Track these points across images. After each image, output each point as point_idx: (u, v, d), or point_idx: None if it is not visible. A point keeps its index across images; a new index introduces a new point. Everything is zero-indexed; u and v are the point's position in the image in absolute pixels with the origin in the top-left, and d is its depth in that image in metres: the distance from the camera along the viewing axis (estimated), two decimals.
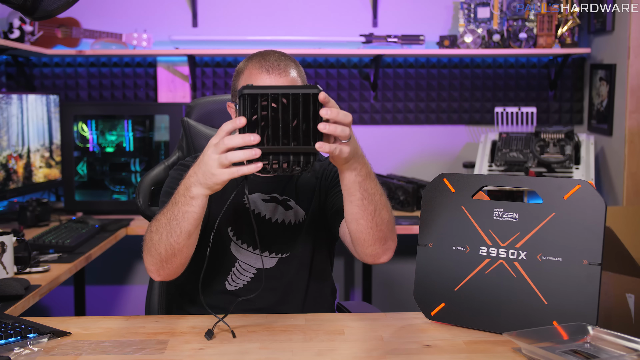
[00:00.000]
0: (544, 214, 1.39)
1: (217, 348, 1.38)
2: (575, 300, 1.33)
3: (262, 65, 1.65)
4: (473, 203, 1.49)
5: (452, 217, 1.50)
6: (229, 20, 3.56)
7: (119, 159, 3.40)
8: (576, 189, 1.37)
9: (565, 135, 3.27)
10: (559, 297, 1.35)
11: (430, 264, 1.51)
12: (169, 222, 1.47)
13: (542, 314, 1.36)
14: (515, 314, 1.40)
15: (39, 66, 3.58)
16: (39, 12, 1.43)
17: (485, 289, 1.44)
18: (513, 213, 1.43)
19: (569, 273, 1.35)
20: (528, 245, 1.40)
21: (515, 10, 3.46)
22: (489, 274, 1.44)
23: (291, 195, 1.78)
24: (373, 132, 3.67)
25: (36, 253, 2.35)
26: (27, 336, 1.40)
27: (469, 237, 1.47)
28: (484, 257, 1.45)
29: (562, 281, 1.35)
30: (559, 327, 1.31)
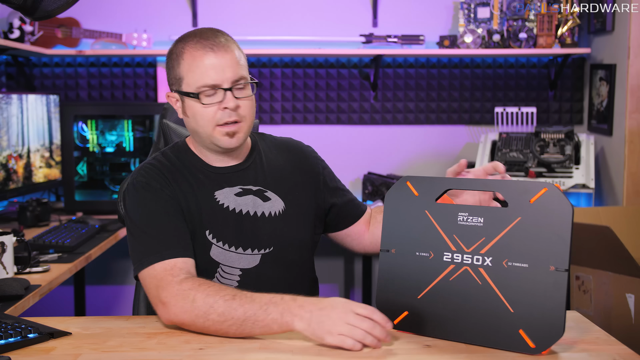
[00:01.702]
0: (510, 219, 1.35)
1: (217, 348, 1.38)
2: (542, 307, 1.29)
3: (205, 44, 1.56)
4: (437, 207, 1.43)
5: (416, 222, 1.45)
6: (228, 20, 3.56)
7: (119, 159, 3.40)
8: (542, 192, 1.33)
9: (565, 135, 3.27)
10: (525, 304, 1.31)
11: (393, 270, 1.46)
12: (243, 322, 1.38)
13: (508, 322, 1.32)
14: (481, 322, 1.35)
15: (39, 66, 3.58)
16: (39, 12, 1.43)
17: (450, 296, 1.39)
18: (478, 217, 1.38)
19: (535, 279, 1.31)
20: (493, 250, 1.35)
21: (515, 10, 3.46)
22: (454, 280, 1.39)
23: (265, 185, 1.68)
24: (373, 132, 3.68)
25: (36, 253, 2.35)
26: (27, 336, 1.40)
27: (432, 243, 1.42)
28: (449, 264, 1.40)
29: (528, 288, 1.31)
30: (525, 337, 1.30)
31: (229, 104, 1.57)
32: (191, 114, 1.60)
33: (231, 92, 1.57)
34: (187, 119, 1.62)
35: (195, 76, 1.56)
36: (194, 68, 1.57)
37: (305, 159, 1.77)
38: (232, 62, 1.58)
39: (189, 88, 1.58)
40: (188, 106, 1.60)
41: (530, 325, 1.29)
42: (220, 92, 1.57)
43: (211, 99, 1.57)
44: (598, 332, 1.48)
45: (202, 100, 1.56)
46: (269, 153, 1.74)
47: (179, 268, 1.49)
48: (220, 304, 1.39)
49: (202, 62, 1.56)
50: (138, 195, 1.58)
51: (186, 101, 1.60)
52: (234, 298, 1.40)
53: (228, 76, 1.57)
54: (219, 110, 1.57)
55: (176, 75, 1.60)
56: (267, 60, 3.62)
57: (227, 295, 1.40)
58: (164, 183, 1.60)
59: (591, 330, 1.49)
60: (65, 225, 2.79)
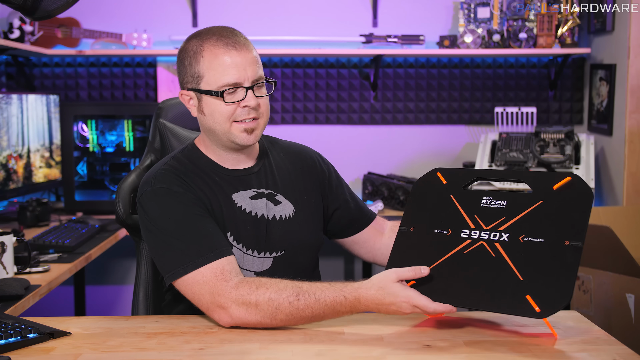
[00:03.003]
0: (532, 201, 1.38)
1: (217, 348, 1.38)
2: (552, 276, 1.30)
3: (226, 42, 1.56)
4: (462, 192, 1.47)
5: (439, 205, 1.48)
6: (229, 20, 3.56)
7: (119, 159, 3.40)
8: (566, 180, 1.37)
9: (565, 135, 3.27)
10: (535, 273, 1.31)
11: (408, 246, 1.48)
12: (313, 318, 1.47)
13: (517, 288, 1.32)
14: (488, 289, 1.36)
15: (39, 66, 3.58)
16: (39, 12, 1.43)
17: (459, 266, 1.40)
18: (501, 201, 1.41)
19: (549, 252, 1.32)
20: (511, 228, 1.37)
21: (515, 10, 3.46)
22: (467, 254, 1.40)
23: (276, 188, 1.69)
24: (373, 132, 3.67)
25: (36, 253, 2.35)
26: (27, 336, 1.40)
27: (452, 221, 1.44)
28: (465, 239, 1.41)
29: (540, 259, 1.32)
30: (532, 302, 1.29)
31: (250, 102, 1.58)
32: (209, 111, 1.59)
33: (252, 90, 1.58)
34: (203, 117, 1.62)
35: (217, 74, 1.56)
36: (215, 66, 1.56)
37: (313, 164, 1.77)
38: (253, 61, 1.59)
39: (209, 86, 1.57)
40: (206, 104, 1.60)
41: (537, 291, 1.30)
42: (241, 90, 1.58)
43: (232, 97, 1.57)
44: (598, 332, 1.48)
45: (225, 98, 1.56)
46: (277, 157, 1.75)
47: (228, 271, 1.49)
48: (285, 306, 1.44)
49: (223, 60, 1.56)
50: (162, 202, 1.56)
51: (204, 99, 1.59)
52: (298, 299, 1.44)
53: (249, 75, 1.58)
54: (238, 107, 1.58)
55: (193, 73, 1.59)
56: (267, 60, 3.62)
57: (291, 297, 1.44)
58: (185, 186, 1.59)
59: (591, 330, 1.49)
60: (65, 225, 2.79)
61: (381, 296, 1.43)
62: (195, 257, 1.49)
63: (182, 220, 1.54)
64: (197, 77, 1.59)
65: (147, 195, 1.58)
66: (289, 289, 1.45)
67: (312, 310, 1.45)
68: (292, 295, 1.44)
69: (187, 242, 1.51)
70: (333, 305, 1.45)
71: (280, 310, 1.44)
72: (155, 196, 1.57)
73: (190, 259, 1.49)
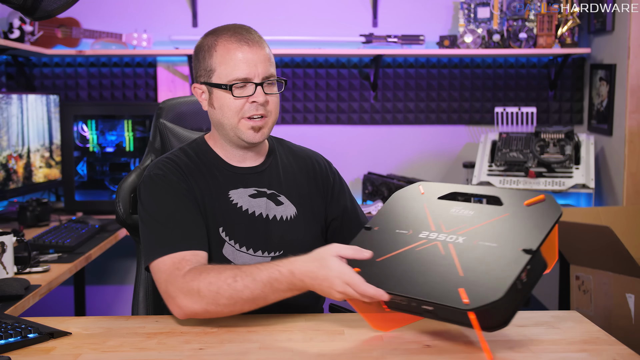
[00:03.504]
0: (499, 213, 1.38)
1: (217, 348, 1.38)
2: (490, 274, 1.26)
3: (240, 38, 1.60)
4: (436, 202, 1.47)
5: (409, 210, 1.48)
6: (228, 20, 3.53)
7: (119, 159, 3.40)
8: (538, 198, 1.35)
9: (565, 135, 3.27)
10: (476, 271, 1.28)
11: (365, 241, 1.46)
12: (254, 299, 1.42)
13: (453, 282, 1.28)
14: (425, 280, 1.32)
15: (39, 66, 3.58)
16: (39, 12, 1.43)
17: (406, 260, 1.37)
18: (469, 211, 1.41)
19: (498, 254, 1.29)
20: (470, 233, 1.36)
21: (515, 10, 3.46)
22: (419, 250, 1.38)
23: (280, 189, 1.70)
24: (373, 132, 3.67)
25: (36, 253, 2.35)
26: (27, 336, 1.40)
27: (415, 224, 1.43)
28: (422, 239, 1.40)
29: (486, 260, 1.29)
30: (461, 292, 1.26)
31: (258, 98, 1.59)
32: (218, 105, 1.62)
33: (261, 87, 1.60)
34: (213, 111, 1.64)
35: (228, 68, 1.59)
36: (227, 60, 1.59)
37: (320, 170, 1.78)
38: (265, 58, 1.61)
39: (220, 80, 1.60)
40: (216, 98, 1.62)
41: (472, 286, 1.25)
42: (251, 86, 1.60)
43: (241, 92, 1.60)
44: (598, 332, 1.48)
45: (233, 92, 1.59)
46: (285, 159, 1.76)
47: (186, 260, 1.49)
48: (225, 289, 1.42)
49: (235, 55, 1.59)
50: (155, 188, 1.60)
51: (214, 93, 1.62)
52: (235, 280, 1.42)
53: (260, 71, 1.60)
54: (247, 103, 1.60)
55: (206, 67, 1.62)
56: None
57: (229, 279, 1.42)
58: (181, 177, 1.62)
59: (591, 330, 1.49)
60: (65, 225, 2.79)
61: (316, 268, 1.37)
62: (164, 245, 1.51)
63: (166, 208, 1.57)
64: (209, 71, 1.62)
65: (144, 181, 1.63)
66: (228, 271, 1.44)
67: (250, 291, 1.41)
68: (230, 277, 1.42)
69: (164, 229, 1.54)
70: (270, 282, 1.40)
71: (221, 294, 1.42)
72: (150, 182, 1.61)
73: (160, 246, 1.52)
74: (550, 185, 3.11)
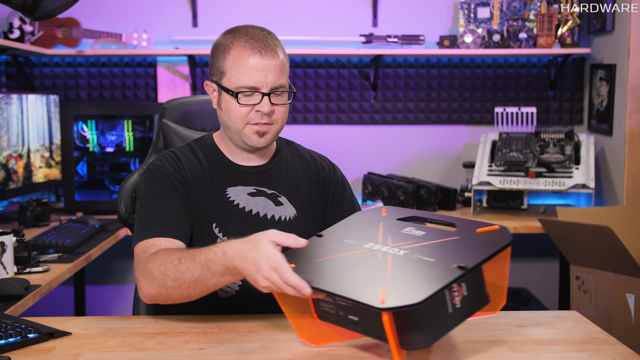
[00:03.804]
0: (449, 236, 1.36)
1: (217, 348, 1.38)
2: (415, 282, 1.24)
3: (254, 45, 1.59)
4: (392, 221, 1.46)
5: (365, 225, 1.48)
6: (229, 20, 3.56)
7: (119, 159, 3.40)
8: (492, 228, 1.33)
9: (565, 135, 3.27)
10: (404, 278, 1.25)
11: (311, 247, 1.43)
12: (196, 282, 1.40)
13: (378, 284, 1.25)
14: (353, 280, 1.29)
15: (39, 66, 3.58)
16: (39, 12, 1.43)
17: (342, 264, 1.35)
18: (421, 231, 1.39)
19: (432, 267, 1.26)
20: (413, 248, 1.34)
21: (515, 10, 3.46)
22: (357, 257, 1.36)
23: (280, 190, 1.70)
24: (373, 132, 3.67)
25: (36, 253, 2.35)
26: (27, 336, 1.40)
27: (365, 236, 1.42)
28: (365, 249, 1.37)
29: (418, 270, 1.26)
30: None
31: (263, 108, 1.60)
32: (225, 108, 1.63)
33: (268, 97, 1.60)
34: (221, 112, 1.66)
35: (238, 75, 1.59)
36: (237, 66, 1.59)
37: (323, 173, 1.77)
38: (276, 68, 1.61)
39: (229, 84, 1.61)
40: (224, 100, 1.63)
41: (394, 289, 1.22)
42: (258, 95, 1.60)
43: (247, 100, 1.60)
44: (598, 332, 1.48)
45: (239, 99, 1.59)
46: (290, 160, 1.76)
47: (156, 246, 1.51)
48: (171, 270, 1.42)
49: (247, 62, 1.59)
50: (150, 177, 1.64)
51: (223, 95, 1.63)
52: (180, 261, 1.42)
53: (269, 81, 1.60)
54: (253, 110, 1.61)
55: (219, 67, 1.63)
56: None
57: (175, 260, 1.43)
58: (178, 170, 1.64)
59: (591, 330, 1.49)
60: (65, 225, 2.79)
61: (247, 250, 1.32)
62: (144, 230, 1.55)
63: (155, 196, 1.61)
64: (221, 72, 1.63)
65: (144, 171, 1.68)
66: (177, 252, 1.44)
67: (192, 273, 1.39)
68: (176, 259, 1.42)
69: (149, 216, 1.58)
70: (206, 263, 1.38)
71: (168, 276, 1.42)
72: (148, 171, 1.66)
73: (141, 231, 1.55)
74: (550, 185, 3.11)
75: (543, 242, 3.46)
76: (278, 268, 1.28)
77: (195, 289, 1.42)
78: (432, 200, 3.35)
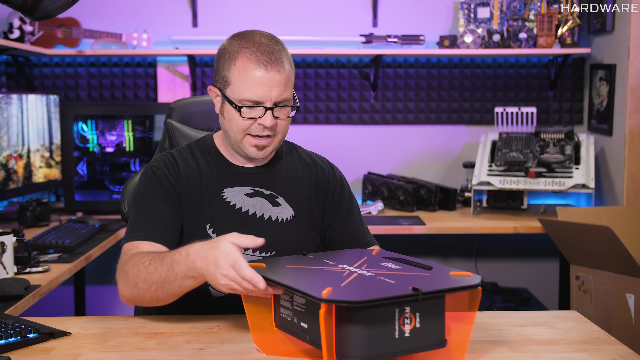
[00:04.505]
0: (420, 271, 1.36)
1: (217, 348, 1.38)
2: (361, 290, 1.25)
3: (260, 58, 1.56)
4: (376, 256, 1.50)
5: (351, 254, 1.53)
6: (229, 20, 3.56)
7: (119, 159, 3.40)
8: (465, 274, 1.32)
9: (565, 135, 3.27)
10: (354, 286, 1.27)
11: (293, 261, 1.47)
12: (162, 284, 1.42)
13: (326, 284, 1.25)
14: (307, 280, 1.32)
15: (39, 66, 3.58)
16: (39, 12, 1.43)
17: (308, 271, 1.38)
18: (398, 266, 1.40)
19: (386, 286, 1.27)
20: (381, 274, 1.34)
21: (515, 10, 3.46)
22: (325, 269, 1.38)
23: (279, 191, 1.69)
24: (373, 132, 3.67)
25: (36, 253, 2.35)
26: (27, 336, 1.40)
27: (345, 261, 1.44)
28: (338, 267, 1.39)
29: (370, 286, 1.27)
30: None
31: (265, 122, 1.59)
32: (227, 117, 1.62)
33: (271, 111, 1.59)
34: (222, 119, 1.66)
35: (242, 87, 1.57)
36: (242, 79, 1.57)
37: (323, 175, 1.76)
38: (281, 82, 1.59)
39: (233, 95, 1.59)
40: (226, 109, 1.62)
41: (342, 291, 1.23)
42: (261, 108, 1.59)
43: (250, 113, 1.59)
44: (598, 332, 1.48)
45: (242, 113, 1.58)
46: (290, 162, 1.75)
47: (138, 248, 1.53)
48: (142, 271, 1.44)
49: (252, 75, 1.56)
50: (145, 179, 1.65)
51: (226, 104, 1.62)
52: (150, 263, 1.44)
53: (273, 95, 1.58)
54: (255, 123, 1.60)
55: (224, 76, 1.61)
56: None
57: (146, 262, 1.45)
58: (173, 172, 1.65)
59: (591, 330, 1.49)
60: (65, 225, 2.79)
61: (208, 249, 1.34)
62: (130, 232, 1.57)
63: (145, 198, 1.62)
64: (225, 81, 1.61)
65: (143, 171, 1.70)
66: (150, 254, 1.47)
67: (159, 274, 1.42)
68: (147, 260, 1.45)
69: (138, 217, 1.60)
70: (172, 264, 1.40)
71: (139, 277, 1.44)
72: (145, 172, 1.67)
73: (128, 233, 1.58)
74: (550, 185, 3.11)
75: (543, 242, 3.46)
76: (235, 264, 1.30)
77: (163, 292, 1.43)
78: (432, 200, 3.35)
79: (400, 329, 1.23)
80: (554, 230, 2.79)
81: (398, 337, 1.23)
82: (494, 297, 3.40)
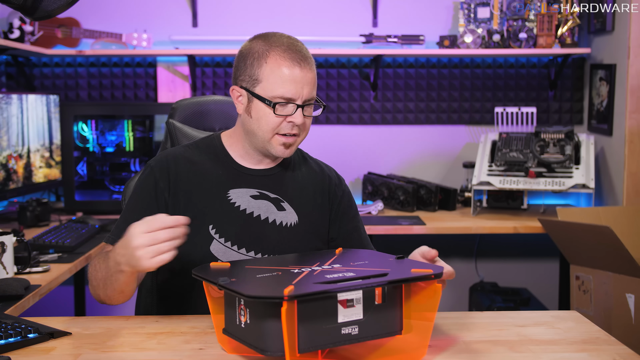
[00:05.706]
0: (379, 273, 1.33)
1: (217, 348, 1.38)
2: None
3: (294, 56, 1.57)
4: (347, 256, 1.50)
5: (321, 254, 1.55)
6: (229, 20, 3.56)
7: (119, 159, 3.40)
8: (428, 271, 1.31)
9: (565, 135, 3.27)
10: None
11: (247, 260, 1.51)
12: (104, 280, 1.48)
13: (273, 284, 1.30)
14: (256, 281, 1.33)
15: (39, 66, 3.58)
16: (39, 12, 1.43)
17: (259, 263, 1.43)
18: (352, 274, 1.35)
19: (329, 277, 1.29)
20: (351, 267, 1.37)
21: (515, 10, 3.46)
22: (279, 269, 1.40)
23: (285, 196, 1.69)
24: (373, 132, 3.68)
25: (36, 253, 2.35)
26: (27, 336, 1.40)
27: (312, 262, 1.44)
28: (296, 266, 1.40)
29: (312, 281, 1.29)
30: None
31: (296, 119, 1.59)
32: (256, 116, 1.61)
33: (302, 109, 1.60)
34: (248, 119, 1.63)
35: (275, 85, 1.58)
36: (275, 76, 1.58)
37: (330, 185, 1.77)
38: (312, 80, 1.61)
39: (264, 93, 1.59)
40: (255, 108, 1.61)
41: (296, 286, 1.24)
42: (292, 106, 1.59)
43: (282, 111, 1.59)
44: (598, 332, 1.48)
45: (276, 110, 1.58)
46: (297, 168, 1.76)
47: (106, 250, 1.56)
48: (92, 271, 1.53)
49: (285, 72, 1.57)
50: (142, 176, 1.67)
51: (255, 102, 1.61)
52: (98, 262, 1.52)
53: (305, 93, 1.59)
54: (285, 121, 1.60)
55: (252, 74, 1.60)
56: None
57: (96, 261, 1.52)
58: (167, 174, 1.64)
59: (591, 330, 1.49)
60: (65, 225, 2.79)
61: (126, 236, 1.36)
62: (110, 234, 1.62)
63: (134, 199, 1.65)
64: (254, 80, 1.60)
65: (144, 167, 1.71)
66: (103, 253, 1.52)
67: (101, 272, 1.49)
68: (97, 260, 1.52)
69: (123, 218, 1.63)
70: (106, 259, 1.47)
71: (92, 275, 1.52)
72: (143, 169, 1.69)
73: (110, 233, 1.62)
74: (550, 185, 3.12)
75: (543, 242, 3.46)
76: (148, 220, 1.33)
77: (109, 288, 1.49)
78: (432, 200, 3.35)
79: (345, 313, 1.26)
80: (554, 230, 2.79)
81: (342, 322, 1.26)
82: (494, 297, 3.40)
